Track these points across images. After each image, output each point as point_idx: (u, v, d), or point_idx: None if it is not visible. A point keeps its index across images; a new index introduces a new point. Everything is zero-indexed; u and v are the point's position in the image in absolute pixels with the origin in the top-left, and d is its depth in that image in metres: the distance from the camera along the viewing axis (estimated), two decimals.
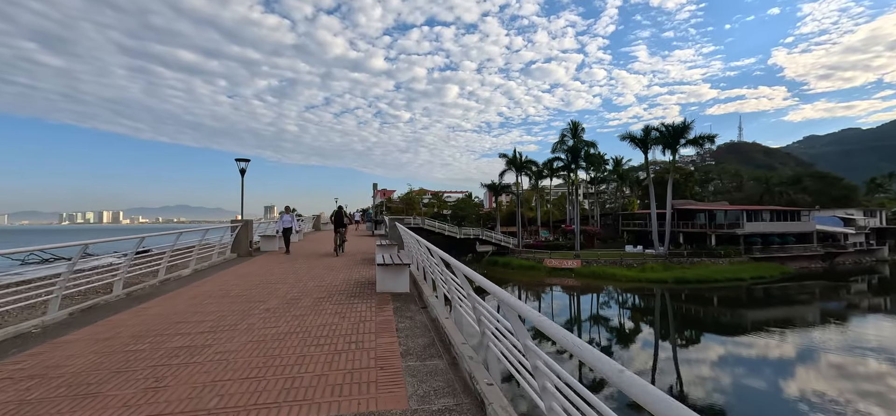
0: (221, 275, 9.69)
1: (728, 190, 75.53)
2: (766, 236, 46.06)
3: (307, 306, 6.47)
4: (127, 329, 5.34)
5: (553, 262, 45.11)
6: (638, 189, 63.30)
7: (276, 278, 9.19)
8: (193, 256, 10.47)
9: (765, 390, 16.99)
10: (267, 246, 15.22)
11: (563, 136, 52.41)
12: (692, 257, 43.10)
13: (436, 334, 5.09)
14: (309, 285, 8.20)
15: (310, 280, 8.80)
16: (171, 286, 8.41)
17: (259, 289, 7.92)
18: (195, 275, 9.78)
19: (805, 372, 18.65)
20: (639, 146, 46.37)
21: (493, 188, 58.16)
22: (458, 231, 49.03)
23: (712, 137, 42.93)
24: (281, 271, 10.13)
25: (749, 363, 19.99)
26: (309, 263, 11.80)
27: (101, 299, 6.97)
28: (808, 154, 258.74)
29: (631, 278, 39.46)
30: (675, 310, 31.54)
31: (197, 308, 6.41)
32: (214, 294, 7.45)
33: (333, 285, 8.16)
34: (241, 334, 5.07)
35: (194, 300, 6.99)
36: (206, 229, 11.34)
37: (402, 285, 7.46)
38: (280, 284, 8.44)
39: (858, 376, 18.04)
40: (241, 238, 13.17)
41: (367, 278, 9.02)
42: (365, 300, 6.84)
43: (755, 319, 28.20)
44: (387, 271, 7.42)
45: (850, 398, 15.78)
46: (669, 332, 26.00)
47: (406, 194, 69.63)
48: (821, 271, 44.62)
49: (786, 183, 66.19)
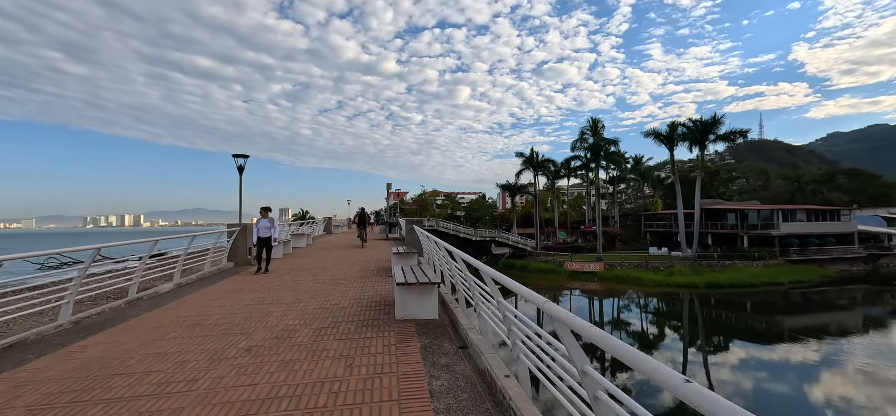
0: (207, 292, 8.05)
1: (754, 188, 71.98)
2: (803, 236, 43.06)
3: (303, 343, 4.74)
4: (37, 386, 3.68)
5: (574, 265, 42.90)
6: (660, 188, 60.54)
7: (272, 296, 7.51)
8: (177, 267, 8.87)
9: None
10: None
11: (582, 133, 50.26)
12: (723, 259, 40.44)
13: (491, 401, 3.30)
14: (310, 308, 6.49)
15: (312, 299, 7.09)
16: (141, 308, 6.79)
17: (246, 313, 6.23)
18: (176, 292, 8.17)
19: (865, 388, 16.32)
20: (664, 143, 43.81)
21: (509, 188, 56.14)
22: (474, 233, 47.22)
23: (744, 133, 40.15)
24: (279, 286, 8.46)
25: (796, 373, 17.87)
26: (314, 273, 10.13)
27: (31, 334, 5.31)
28: (832, 152, 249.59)
29: (658, 283, 37.04)
30: (706, 316, 29.39)
31: (152, 347, 4.72)
32: (185, 322, 5.78)
33: (341, 308, 6.43)
34: (198, 399, 3.35)
35: (155, 332, 5.32)
36: (194, 235, 9.71)
37: (428, 311, 5.69)
38: (274, 305, 6.75)
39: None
40: (239, 245, 11.57)
41: (383, 295, 7.28)
42: (381, 332, 5.09)
43: (794, 325, 26.04)
44: (408, 293, 5.66)
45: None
46: (701, 339, 24.10)
47: (419, 196, 68.11)
48: (863, 275, 41.52)
49: (819, 181, 62.56)
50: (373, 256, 13.60)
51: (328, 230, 30.91)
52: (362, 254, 14.29)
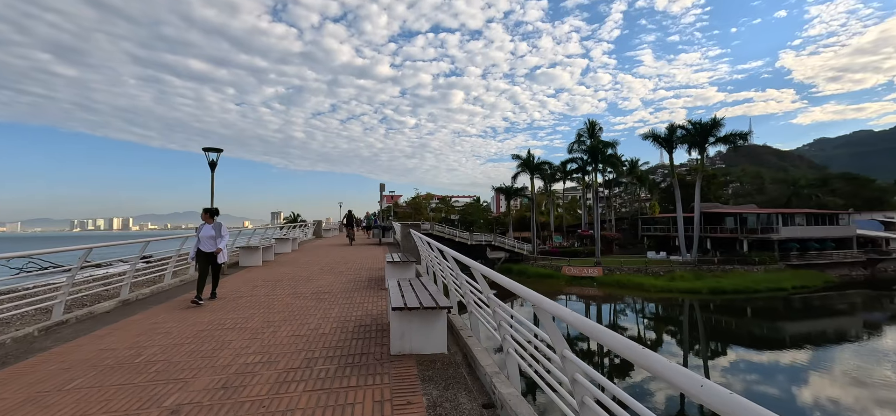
0: (156, 312, 6.56)
1: (749, 192, 71.70)
2: (803, 241, 42.43)
3: (258, 398, 3.31)
4: None
5: (572, 270, 41.74)
6: (657, 192, 59.82)
7: (236, 317, 6.05)
8: (126, 280, 7.35)
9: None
10: (247, 260, 12.12)
11: (579, 135, 49.23)
12: (723, 264, 39.56)
13: None
14: (280, 336, 5.06)
15: (285, 323, 5.65)
16: (59, 336, 5.28)
17: (194, 344, 4.78)
18: (118, 311, 6.67)
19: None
20: (663, 146, 42.99)
21: (504, 191, 54.98)
22: (469, 237, 45.88)
23: (745, 135, 39.41)
24: (248, 303, 7.00)
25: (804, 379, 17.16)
26: (294, 285, 8.68)
27: None
28: (820, 156, 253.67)
29: (660, 288, 36.00)
30: (717, 324, 28.59)
31: (36, 405, 3.27)
32: (107, 360, 4.31)
33: (320, 336, 5.01)
34: None
35: (56, 378, 3.85)
36: (147, 240, 8.15)
37: (435, 342, 4.30)
38: (235, 331, 5.30)
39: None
40: None
41: (375, 316, 5.87)
42: (371, 377, 3.69)
43: (798, 331, 25.88)
44: (408, 320, 4.27)
45: None
46: (701, 344, 23.52)
47: (413, 199, 66.62)
48: (863, 279, 41.03)
49: (814, 185, 62.41)
50: (364, 263, 12.17)
51: (318, 234, 29.34)
52: (352, 260, 12.85)
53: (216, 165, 10.16)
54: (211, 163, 10.09)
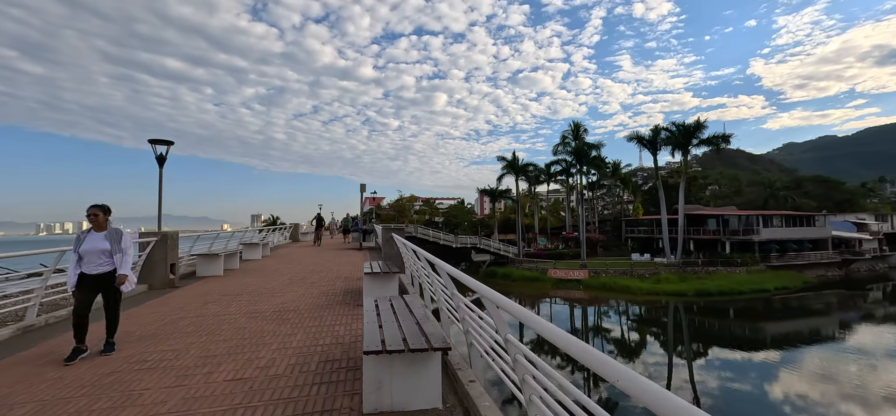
0: (49, 345, 5.15)
1: (727, 195, 73.09)
2: (782, 242, 43.02)
3: None
4: None
5: (558, 272, 41.13)
6: (640, 194, 60.10)
7: (162, 352, 4.68)
8: (33, 299, 5.88)
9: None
10: (206, 269, 10.62)
11: (564, 138, 48.76)
12: (707, 266, 39.64)
13: None
14: (212, 383, 3.76)
15: (227, 360, 4.35)
16: None
17: (82, 403, 3.46)
18: (20, 338, 5.22)
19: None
20: (647, 147, 42.95)
21: (490, 193, 54.13)
22: (455, 240, 44.80)
23: (728, 137, 39.67)
24: (186, 331, 5.63)
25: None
26: (253, 300, 7.33)
27: None
28: (789, 160, 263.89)
29: (647, 291, 35.71)
30: (709, 326, 28.56)
31: None
32: None
33: (269, 380, 3.75)
34: None
35: None
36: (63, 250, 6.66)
37: (425, 395, 3.11)
38: (155, 375, 3.98)
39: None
40: (156, 260, 8.57)
41: (347, 345, 4.64)
42: None
43: (776, 332, 26.56)
44: (388, 365, 3.06)
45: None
46: (684, 347, 23.54)
47: (396, 201, 65.09)
48: (838, 279, 41.92)
49: (789, 187, 63.95)
50: (341, 271, 10.85)
51: (295, 238, 27.69)
52: (328, 268, 11.52)
53: (165, 160, 8.66)
54: (159, 157, 8.58)
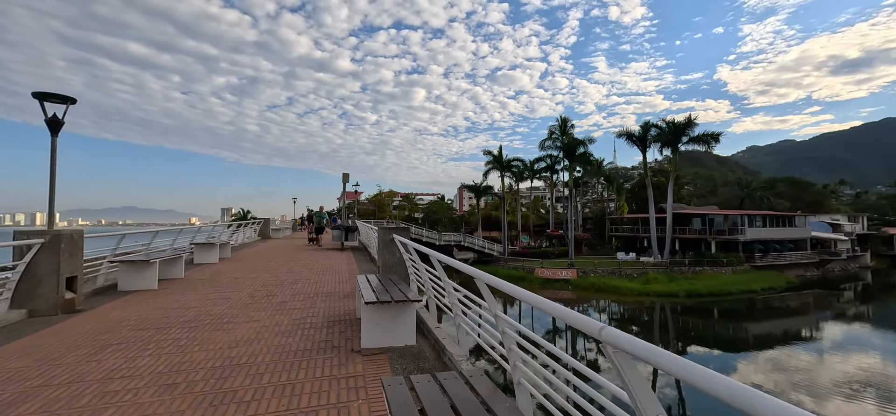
0: None
1: (703, 194, 74.14)
2: (765, 242, 43.17)
3: None
4: None
5: (545, 272, 39.69)
6: (625, 192, 59.66)
7: None
8: None
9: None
10: (131, 281, 7.88)
11: (551, 132, 47.38)
12: (694, 265, 39.15)
13: None
14: None
15: None
16: None
17: None
18: None
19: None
20: (637, 144, 42.03)
21: (474, 189, 52.16)
22: (438, 237, 42.56)
23: (717, 136, 39.21)
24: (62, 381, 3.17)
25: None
26: (184, 342, 4.87)
27: None
28: (752, 163, 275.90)
29: (636, 291, 34.70)
30: (704, 329, 27.60)
31: None
32: None
33: None
34: None
35: None
36: None
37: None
38: None
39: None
40: (42, 272, 5.87)
41: None
42: None
43: (759, 332, 26.60)
44: None
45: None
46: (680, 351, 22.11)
47: (375, 196, 62.14)
48: (816, 279, 42.51)
49: (765, 188, 65.20)
50: (321, 283, 8.38)
51: (265, 235, 24.59)
52: (304, 278, 9.04)
53: (61, 125, 5.87)
54: (51, 119, 5.77)
